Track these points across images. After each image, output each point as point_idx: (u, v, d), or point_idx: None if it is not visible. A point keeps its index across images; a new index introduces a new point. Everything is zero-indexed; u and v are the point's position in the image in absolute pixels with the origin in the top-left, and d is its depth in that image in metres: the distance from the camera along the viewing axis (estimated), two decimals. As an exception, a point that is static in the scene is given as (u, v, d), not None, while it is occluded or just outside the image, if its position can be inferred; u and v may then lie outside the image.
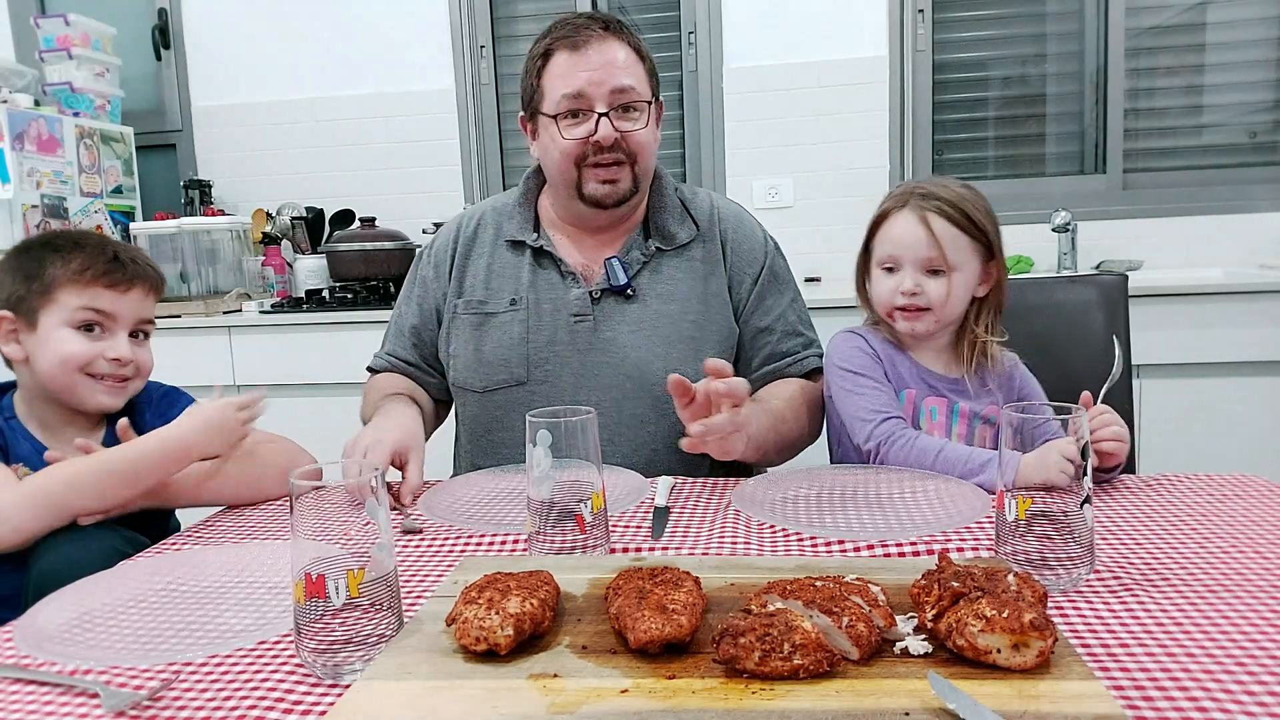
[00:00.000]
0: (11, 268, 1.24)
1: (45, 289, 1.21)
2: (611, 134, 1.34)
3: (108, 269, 1.22)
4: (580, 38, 1.35)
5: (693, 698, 0.62)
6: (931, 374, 1.35)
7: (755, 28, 3.05)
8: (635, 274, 1.43)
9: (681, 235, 1.46)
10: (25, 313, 1.22)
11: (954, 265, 1.29)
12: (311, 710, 0.67)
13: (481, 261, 1.48)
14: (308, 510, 0.71)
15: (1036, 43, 3.07)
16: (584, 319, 1.42)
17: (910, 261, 1.30)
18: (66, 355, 1.21)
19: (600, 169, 1.37)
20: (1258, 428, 2.38)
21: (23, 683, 0.73)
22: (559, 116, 1.36)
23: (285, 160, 3.34)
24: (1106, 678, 0.66)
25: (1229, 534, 0.96)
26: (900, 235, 1.31)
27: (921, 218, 1.30)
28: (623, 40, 1.38)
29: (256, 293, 3.11)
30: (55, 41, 2.92)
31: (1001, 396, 1.34)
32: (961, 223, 1.29)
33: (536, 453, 0.93)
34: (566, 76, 1.35)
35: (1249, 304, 2.34)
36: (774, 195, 3.07)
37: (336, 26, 3.26)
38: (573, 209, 1.44)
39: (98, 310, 1.22)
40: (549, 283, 1.44)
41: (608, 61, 1.34)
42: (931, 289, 1.29)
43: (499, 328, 1.44)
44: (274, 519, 1.19)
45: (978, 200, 1.32)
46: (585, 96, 1.34)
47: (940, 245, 1.28)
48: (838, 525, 1.04)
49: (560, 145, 1.37)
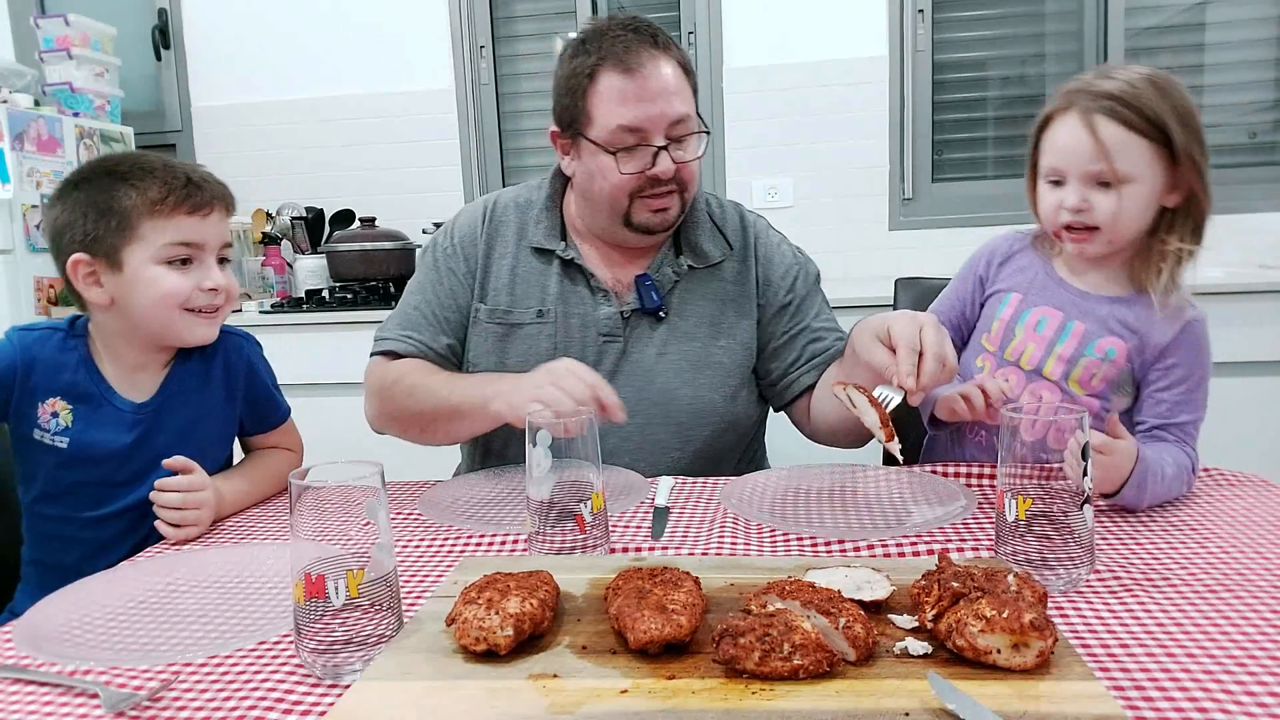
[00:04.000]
0: (78, 204, 1.14)
1: (125, 224, 1.12)
2: (671, 168, 1.29)
3: (188, 194, 1.14)
4: (632, 59, 1.26)
5: (693, 698, 0.62)
6: (1068, 285, 1.23)
7: (755, 28, 3.05)
8: (668, 292, 1.39)
9: (714, 253, 1.41)
10: (105, 253, 1.13)
11: (1127, 177, 1.12)
12: (311, 710, 0.67)
13: (505, 264, 1.41)
14: (308, 510, 0.71)
15: (1036, 43, 3.07)
16: (614, 340, 1.37)
17: (1076, 174, 1.15)
18: (166, 293, 1.14)
19: (653, 199, 1.31)
20: (1258, 428, 2.37)
21: (23, 683, 0.73)
22: (614, 150, 1.28)
23: (285, 160, 3.33)
24: (1106, 678, 0.66)
25: (1229, 534, 0.96)
26: (1064, 143, 1.15)
27: (1087, 122, 1.13)
28: (671, 57, 1.29)
29: (256, 293, 3.11)
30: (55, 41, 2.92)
31: (1150, 339, 1.17)
32: (1138, 124, 1.11)
33: (536, 453, 0.93)
34: (622, 106, 1.26)
35: (1249, 304, 2.34)
36: (774, 195, 3.07)
37: (337, 27, 3.26)
38: (613, 232, 1.38)
39: (187, 243, 1.15)
40: (578, 297, 1.39)
41: (663, 88, 1.27)
42: (1101, 205, 1.14)
43: (525, 340, 1.38)
44: (274, 519, 1.19)
45: (1166, 92, 1.13)
46: (643, 130, 1.27)
47: (1108, 155, 1.12)
48: (838, 525, 1.04)
49: (614, 180, 1.30)
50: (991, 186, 3.06)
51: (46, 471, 1.17)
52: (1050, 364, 1.23)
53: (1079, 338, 1.21)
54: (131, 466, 1.17)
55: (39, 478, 1.18)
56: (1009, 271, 1.30)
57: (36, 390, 1.16)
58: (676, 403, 1.36)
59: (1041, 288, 1.26)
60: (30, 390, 1.16)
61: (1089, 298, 1.23)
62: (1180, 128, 1.12)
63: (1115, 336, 1.20)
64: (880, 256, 3.03)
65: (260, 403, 1.32)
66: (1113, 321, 1.20)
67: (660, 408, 1.36)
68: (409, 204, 3.24)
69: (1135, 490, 1.04)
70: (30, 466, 1.19)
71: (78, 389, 1.17)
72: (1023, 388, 1.26)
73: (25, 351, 1.16)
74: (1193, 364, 1.18)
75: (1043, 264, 1.28)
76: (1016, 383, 1.26)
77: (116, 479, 1.17)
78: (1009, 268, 1.31)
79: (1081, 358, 1.21)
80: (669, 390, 1.36)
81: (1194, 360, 1.18)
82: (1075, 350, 1.21)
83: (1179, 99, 1.14)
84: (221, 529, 1.15)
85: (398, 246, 2.97)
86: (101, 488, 1.17)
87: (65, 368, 1.17)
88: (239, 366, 1.28)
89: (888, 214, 3.06)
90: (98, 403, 1.17)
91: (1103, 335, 1.20)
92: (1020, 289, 1.28)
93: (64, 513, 1.18)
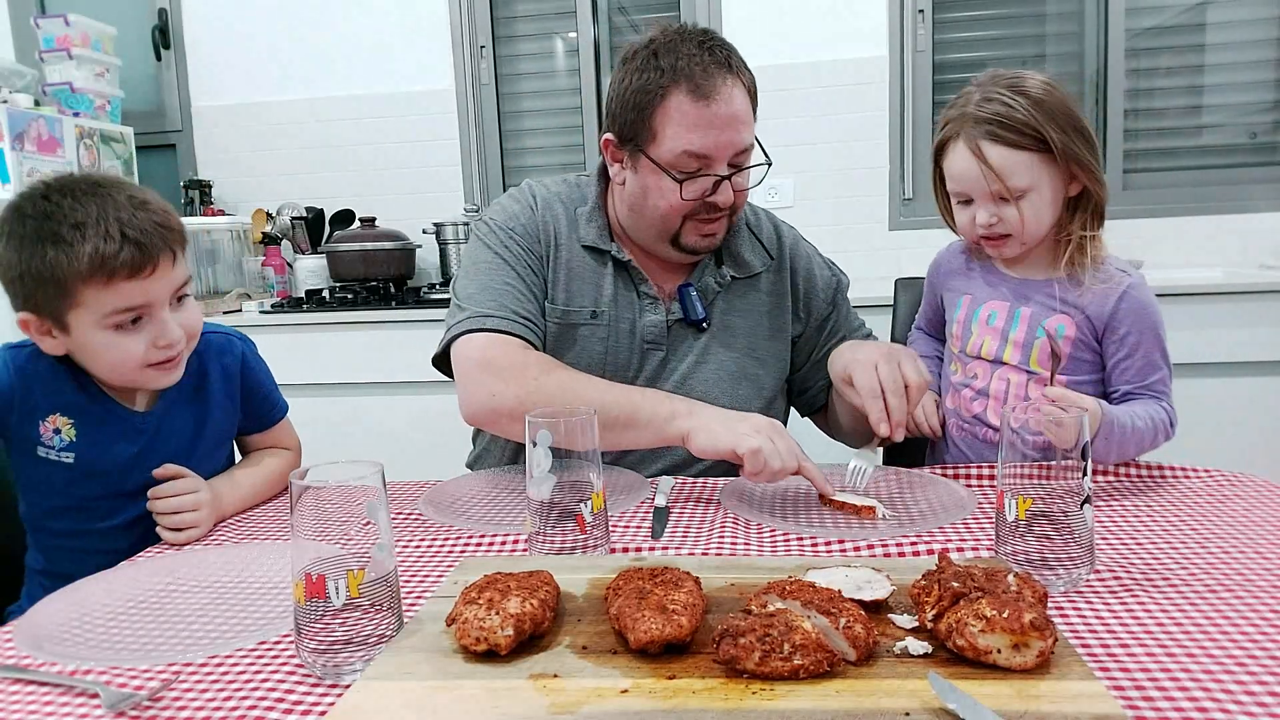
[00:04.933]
0: (13, 261, 1.06)
1: (61, 290, 1.04)
2: (731, 199, 1.28)
3: (125, 259, 1.04)
4: (707, 83, 1.23)
5: (693, 698, 0.62)
6: (1008, 278, 1.32)
7: (755, 28, 3.05)
8: (710, 303, 1.39)
9: (756, 264, 1.42)
10: (49, 314, 1.07)
11: (1022, 190, 1.21)
12: (311, 710, 0.67)
13: (562, 259, 1.36)
14: (308, 510, 0.71)
15: (1036, 43, 3.07)
16: (657, 348, 1.37)
17: (978, 195, 1.24)
18: (117, 360, 1.09)
19: (704, 224, 1.31)
20: (1258, 428, 2.38)
21: (23, 683, 0.73)
22: (679, 175, 1.26)
23: (285, 160, 3.33)
24: (1106, 678, 0.66)
25: (1229, 534, 0.96)
26: (960, 171, 1.25)
27: (974, 149, 1.21)
28: (741, 82, 1.27)
29: (256, 293, 3.11)
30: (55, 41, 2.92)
31: (1090, 311, 1.25)
32: (1019, 141, 1.19)
33: (536, 453, 0.93)
34: (692, 132, 1.23)
35: (1249, 304, 2.34)
36: (774, 195, 3.07)
37: (336, 26, 3.26)
38: (655, 247, 1.36)
39: (131, 307, 1.07)
40: (628, 301, 1.37)
41: (733, 116, 1.25)
42: (1009, 216, 1.23)
43: (580, 340, 1.35)
44: (274, 519, 1.19)
45: (1039, 100, 1.20)
46: (710, 158, 1.25)
47: (1001, 176, 1.20)
48: (838, 525, 1.04)
49: (670, 202, 1.28)
50: (991, 186, 3.05)
51: (54, 488, 1.15)
52: (1008, 350, 1.31)
53: (1027, 321, 1.29)
54: (139, 475, 1.15)
55: (46, 494, 1.17)
56: (957, 279, 1.41)
57: (37, 409, 1.13)
58: None
59: (985, 285, 1.35)
60: (30, 410, 1.13)
61: (1028, 284, 1.31)
62: (1058, 131, 1.19)
63: (1060, 315, 1.27)
64: (880, 256, 3.03)
65: (257, 402, 1.31)
66: (1054, 301, 1.28)
67: None
68: (409, 204, 3.24)
69: (1103, 442, 1.14)
70: (35, 483, 1.17)
71: (77, 402, 1.14)
72: (990, 377, 1.33)
73: (20, 370, 1.13)
74: (1142, 328, 1.24)
75: (982, 264, 1.37)
76: (983, 375, 1.34)
77: (125, 489, 1.16)
78: (955, 275, 1.42)
79: (1035, 340, 1.28)
80: (707, 399, 1.32)
81: (1143, 324, 1.24)
82: (1027, 334, 1.29)
83: (1057, 104, 1.21)
84: (221, 529, 1.15)
85: (398, 246, 2.97)
86: (111, 499, 1.16)
87: (62, 382, 1.15)
88: (235, 367, 1.27)
89: (888, 214, 3.06)
90: (100, 415, 1.15)
91: (1049, 315, 1.28)
92: (969, 290, 1.37)
93: (75, 526, 1.17)
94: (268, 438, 1.34)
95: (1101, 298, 1.24)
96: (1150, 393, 1.25)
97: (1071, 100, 1.23)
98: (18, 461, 1.17)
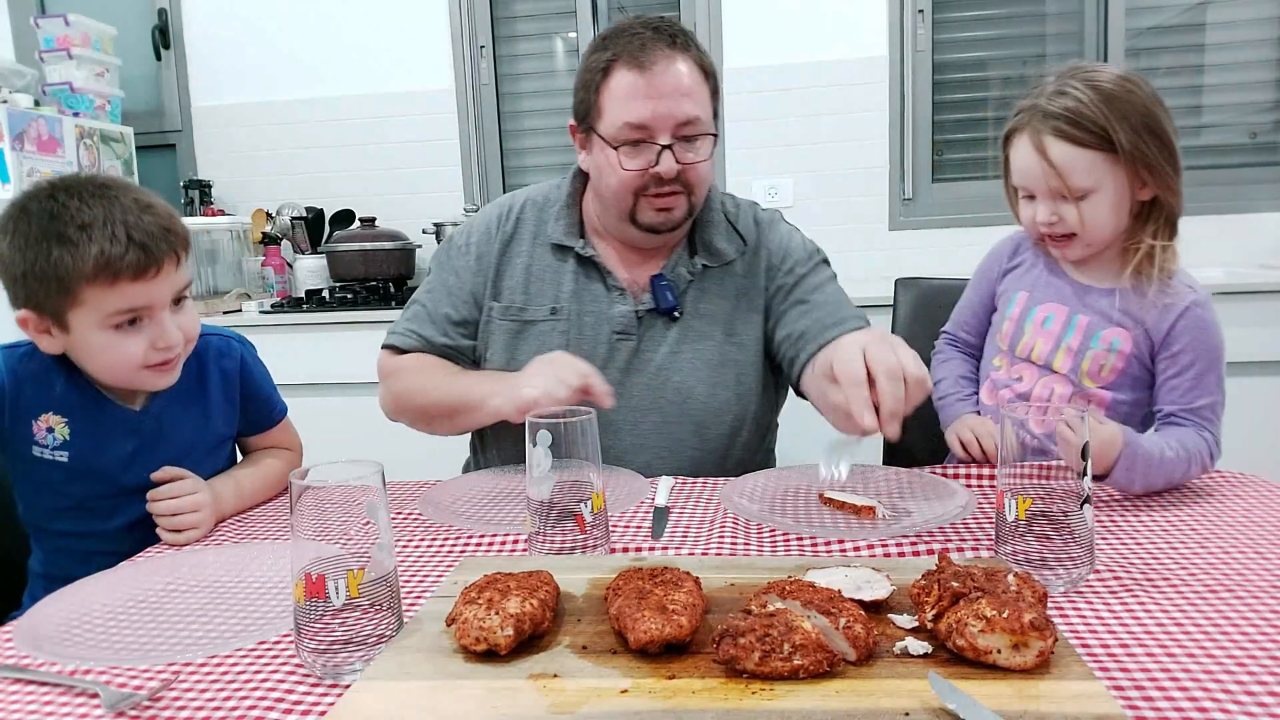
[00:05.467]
0: (16, 260, 1.07)
1: (64, 289, 1.05)
2: (674, 168, 1.29)
3: (129, 261, 1.05)
4: (646, 56, 1.26)
5: (693, 698, 0.62)
6: (1071, 279, 1.27)
7: (755, 28, 3.05)
8: (682, 292, 1.39)
9: (729, 251, 1.41)
10: (50, 313, 1.08)
11: (1085, 190, 1.17)
12: (311, 710, 0.67)
13: (519, 262, 1.42)
14: (308, 510, 0.71)
15: (1036, 43, 3.07)
16: (627, 338, 1.38)
17: (1041, 191, 1.21)
18: (115, 360, 1.10)
19: (658, 198, 1.31)
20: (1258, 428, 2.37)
21: (23, 683, 0.73)
22: (619, 145, 1.29)
23: (285, 160, 3.33)
24: (1106, 678, 0.66)
25: (1229, 534, 0.96)
26: (1023, 165, 1.21)
27: (1038, 145, 1.17)
28: (689, 57, 1.29)
29: (256, 293, 3.11)
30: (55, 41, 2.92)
31: (1148, 329, 1.20)
32: (1085, 139, 1.15)
33: (536, 453, 0.93)
34: (630, 102, 1.27)
35: (1249, 304, 2.34)
36: (774, 195, 3.07)
37: (336, 26, 3.26)
38: (623, 230, 1.39)
39: (132, 309, 1.08)
40: (593, 295, 1.39)
41: (674, 88, 1.27)
42: (1070, 215, 1.19)
43: (538, 337, 1.39)
44: (274, 519, 1.19)
45: (1115, 98, 1.15)
46: (648, 128, 1.27)
47: (1062, 175, 1.17)
48: (838, 525, 1.04)
49: (619, 175, 1.30)
50: (991, 186, 3.04)
51: (52, 488, 1.16)
52: (1060, 358, 1.26)
53: (1084, 330, 1.24)
54: (137, 474, 1.15)
55: (45, 495, 1.17)
56: (1016, 272, 1.35)
57: (29, 409, 1.14)
58: (693, 400, 1.37)
59: (1046, 284, 1.29)
60: (22, 410, 1.13)
61: (1091, 291, 1.26)
62: (1128, 132, 1.14)
63: (1118, 327, 1.22)
64: (880, 256, 3.03)
65: (256, 402, 1.31)
66: (1114, 312, 1.23)
67: (677, 406, 1.37)
68: (409, 204, 3.24)
69: (1125, 472, 1.07)
70: (34, 485, 1.17)
71: (70, 401, 1.15)
72: (1035, 381, 1.29)
73: (12, 371, 1.14)
74: (1199, 348, 1.18)
75: (1045, 260, 1.31)
76: (1029, 378, 1.29)
77: (123, 487, 1.16)
78: (1015, 268, 1.36)
79: (1088, 350, 1.24)
80: (685, 388, 1.37)
81: (1200, 344, 1.18)
82: (1081, 343, 1.24)
83: (1133, 103, 1.16)
84: (221, 529, 1.15)
85: (398, 246, 2.97)
86: (110, 499, 1.16)
87: (55, 381, 1.15)
88: (234, 369, 1.27)
89: (888, 214, 3.06)
90: (94, 412, 1.15)
91: (1106, 327, 1.23)
92: (1026, 287, 1.32)
93: (75, 527, 1.17)
94: (268, 438, 1.35)
95: (1162, 312, 1.19)
96: (1195, 419, 1.18)
97: (1153, 100, 1.17)
98: (14, 462, 1.17)
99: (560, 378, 1.15)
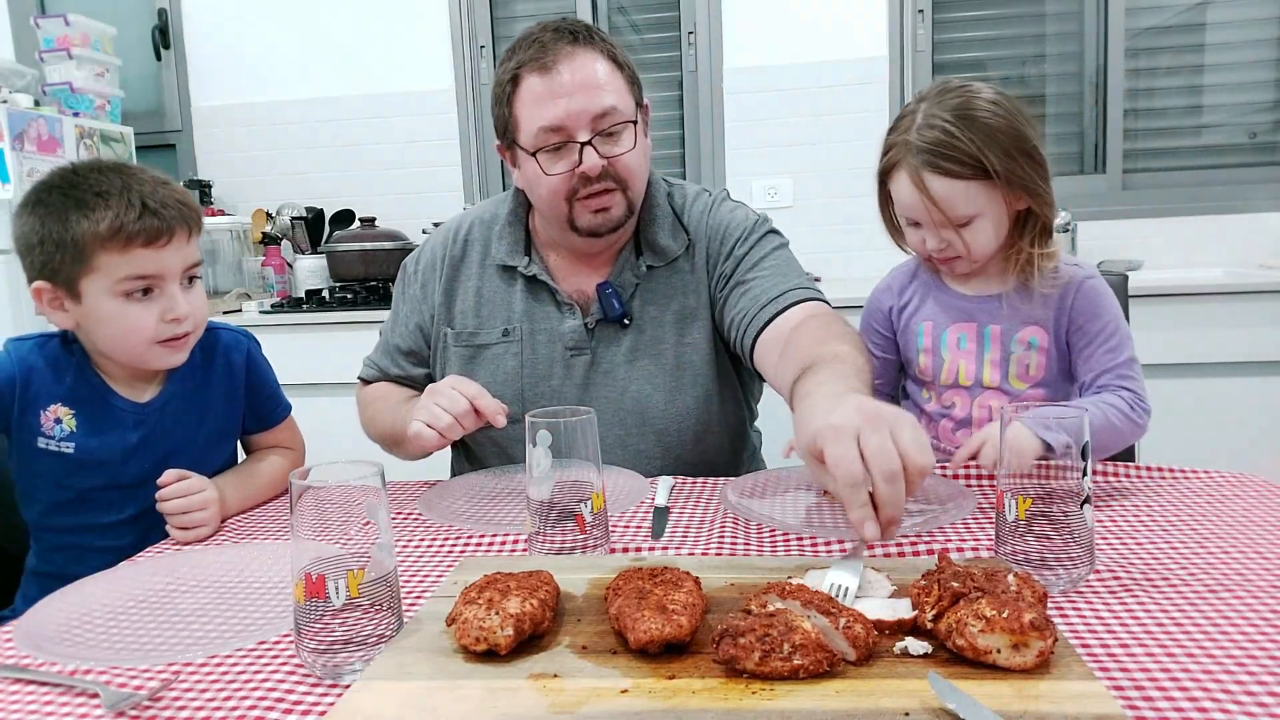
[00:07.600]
0: (35, 228, 1.10)
1: (79, 255, 1.08)
2: (598, 164, 1.25)
3: (142, 225, 1.08)
4: (549, 56, 1.23)
5: (693, 698, 0.62)
6: (962, 296, 1.31)
7: (755, 28, 3.05)
8: (629, 298, 1.36)
9: (674, 248, 1.37)
10: (64, 282, 1.11)
11: (967, 218, 1.21)
12: (311, 710, 0.67)
13: (470, 285, 1.41)
14: (308, 510, 0.71)
15: (1036, 43, 3.07)
16: (580, 352, 1.36)
17: (926, 222, 1.24)
18: (127, 329, 1.12)
19: (591, 199, 1.27)
20: (1258, 428, 2.38)
21: (23, 683, 0.73)
22: (538, 151, 1.25)
23: (285, 160, 3.33)
24: (1106, 678, 0.66)
25: (1229, 534, 0.96)
26: (906, 200, 1.24)
27: (916, 181, 1.20)
28: (595, 50, 1.25)
29: (256, 293, 3.11)
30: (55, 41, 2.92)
31: (1051, 315, 1.26)
32: (959, 171, 1.18)
33: (536, 453, 0.93)
34: (540, 105, 1.23)
35: (1249, 304, 2.34)
36: (774, 195, 3.07)
37: (336, 27, 3.26)
38: (567, 240, 1.35)
39: (144, 275, 1.11)
40: (543, 313, 1.37)
41: (583, 82, 1.23)
42: (955, 240, 1.23)
43: (491, 361, 1.38)
44: (274, 519, 1.19)
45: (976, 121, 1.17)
46: (564, 128, 1.23)
47: (943, 207, 1.20)
48: (838, 525, 1.04)
49: (545, 182, 1.27)
50: (991, 186, 3.06)
51: (54, 480, 1.17)
52: (987, 372, 1.30)
53: (999, 339, 1.28)
54: (139, 467, 1.16)
55: (47, 488, 1.18)
56: (908, 310, 1.37)
57: (37, 399, 1.15)
58: (652, 410, 1.35)
59: (944, 309, 1.32)
60: (30, 400, 1.15)
61: (989, 299, 1.30)
62: (1000, 157, 1.17)
63: (1030, 325, 1.27)
64: (880, 256, 3.02)
65: (261, 400, 1.32)
66: (1020, 312, 1.27)
67: (637, 416, 1.35)
68: (409, 204, 3.24)
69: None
70: (37, 479, 1.18)
71: (78, 393, 1.16)
72: (970, 405, 1.31)
73: (22, 362, 1.16)
74: (1103, 314, 1.25)
75: (934, 284, 1.35)
76: (963, 403, 1.32)
77: (124, 481, 1.17)
78: (906, 306, 1.38)
79: (1011, 355, 1.28)
80: (643, 398, 1.35)
81: (1102, 310, 1.25)
82: (1002, 352, 1.28)
83: (1000, 127, 1.18)
84: (222, 529, 1.15)
85: (398, 246, 2.97)
86: (111, 491, 1.17)
87: (64, 374, 1.17)
88: (239, 364, 1.28)
89: (888, 214, 3.05)
90: (100, 405, 1.17)
91: (1019, 328, 1.27)
92: (926, 317, 1.34)
93: (76, 521, 1.18)
94: (272, 437, 1.35)
95: (1060, 297, 1.26)
96: (1115, 376, 1.23)
97: (1020, 117, 1.20)
98: (19, 455, 1.18)
99: (440, 406, 1.15)
